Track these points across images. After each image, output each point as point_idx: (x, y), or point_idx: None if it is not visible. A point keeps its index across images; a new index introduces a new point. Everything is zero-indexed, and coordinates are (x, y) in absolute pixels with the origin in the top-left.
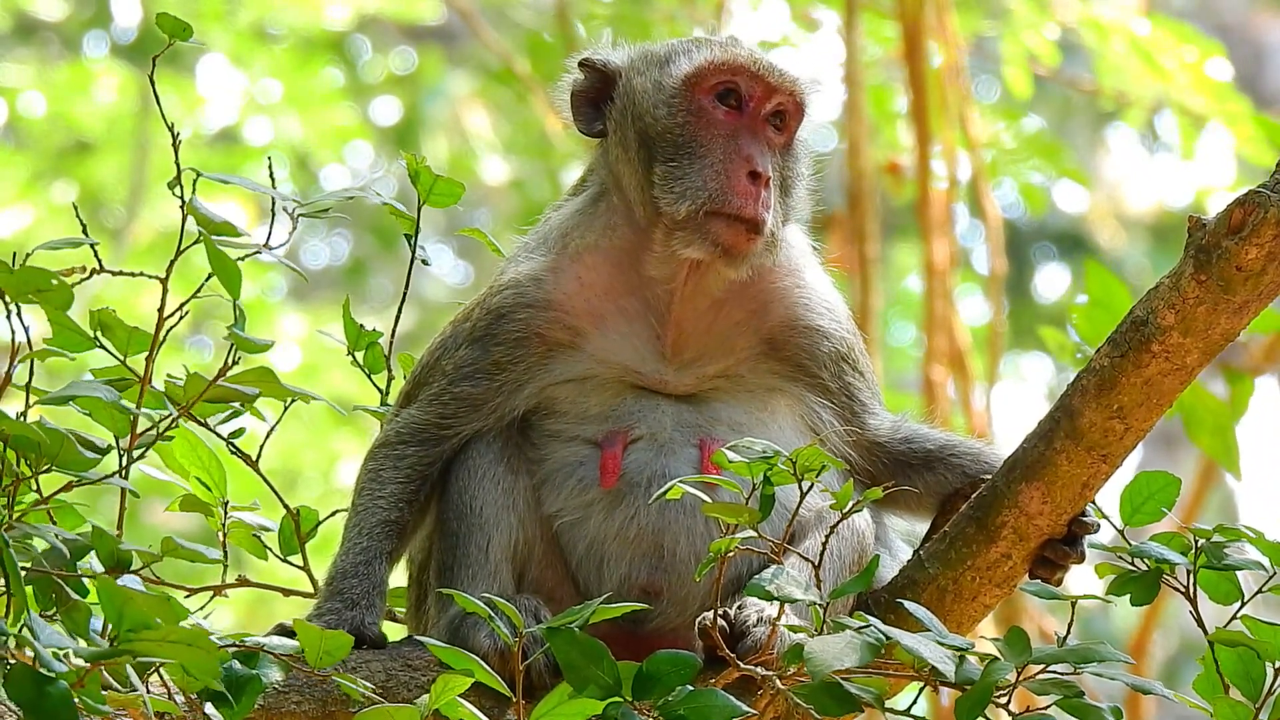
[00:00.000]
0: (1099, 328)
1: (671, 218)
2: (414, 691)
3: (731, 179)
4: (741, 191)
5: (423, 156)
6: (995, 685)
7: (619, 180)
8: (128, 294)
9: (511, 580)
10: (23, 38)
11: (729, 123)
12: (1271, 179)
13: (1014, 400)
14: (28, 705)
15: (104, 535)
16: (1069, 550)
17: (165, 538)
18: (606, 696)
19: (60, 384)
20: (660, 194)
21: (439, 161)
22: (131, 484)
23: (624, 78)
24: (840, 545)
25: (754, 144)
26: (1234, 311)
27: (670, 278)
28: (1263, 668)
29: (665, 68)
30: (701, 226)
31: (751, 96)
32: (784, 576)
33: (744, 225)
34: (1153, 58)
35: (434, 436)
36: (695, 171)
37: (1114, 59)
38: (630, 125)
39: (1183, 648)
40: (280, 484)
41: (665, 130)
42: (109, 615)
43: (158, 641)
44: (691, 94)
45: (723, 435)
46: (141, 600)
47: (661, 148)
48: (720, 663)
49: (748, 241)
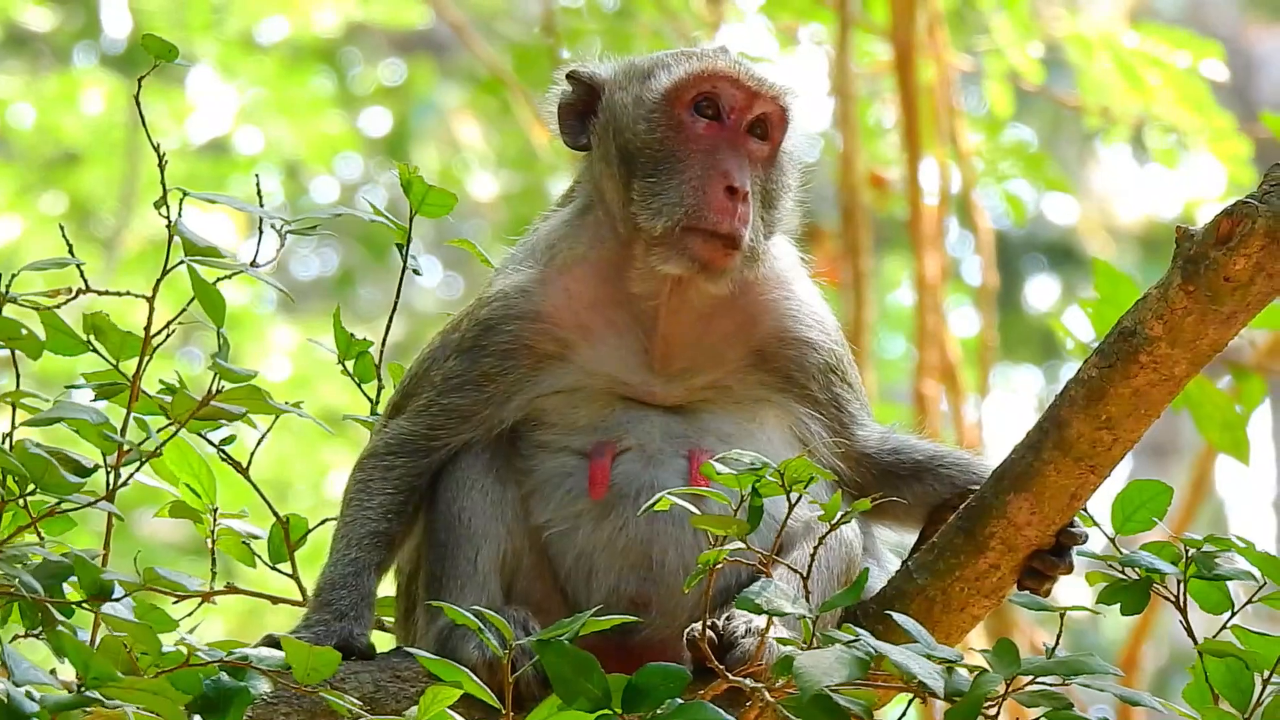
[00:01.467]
0: (1108, 324)
1: (649, 234)
2: (403, 703)
3: (708, 194)
4: (718, 207)
5: (415, 167)
6: (984, 697)
7: (603, 194)
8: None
9: (500, 591)
10: (13, 49)
11: (709, 136)
12: (1259, 190)
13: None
14: None
15: (85, 565)
16: (1057, 561)
17: (147, 569)
18: (596, 709)
19: (53, 385)
20: (638, 210)
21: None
22: (122, 489)
23: (607, 92)
24: (828, 556)
25: (733, 158)
26: (1222, 322)
27: (654, 293)
28: (1251, 678)
29: (646, 82)
30: (678, 243)
31: (733, 106)
32: (772, 589)
33: (720, 241)
34: (1136, 73)
35: (422, 448)
36: (673, 187)
37: (1098, 76)
38: (611, 140)
39: (1173, 659)
40: (271, 494)
41: (644, 145)
42: (75, 665)
43: (124, 689)
44: (671, 108)
45: (711, 446)
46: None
47: (641, 163)
48: (709, 674)
49: (725, 257)
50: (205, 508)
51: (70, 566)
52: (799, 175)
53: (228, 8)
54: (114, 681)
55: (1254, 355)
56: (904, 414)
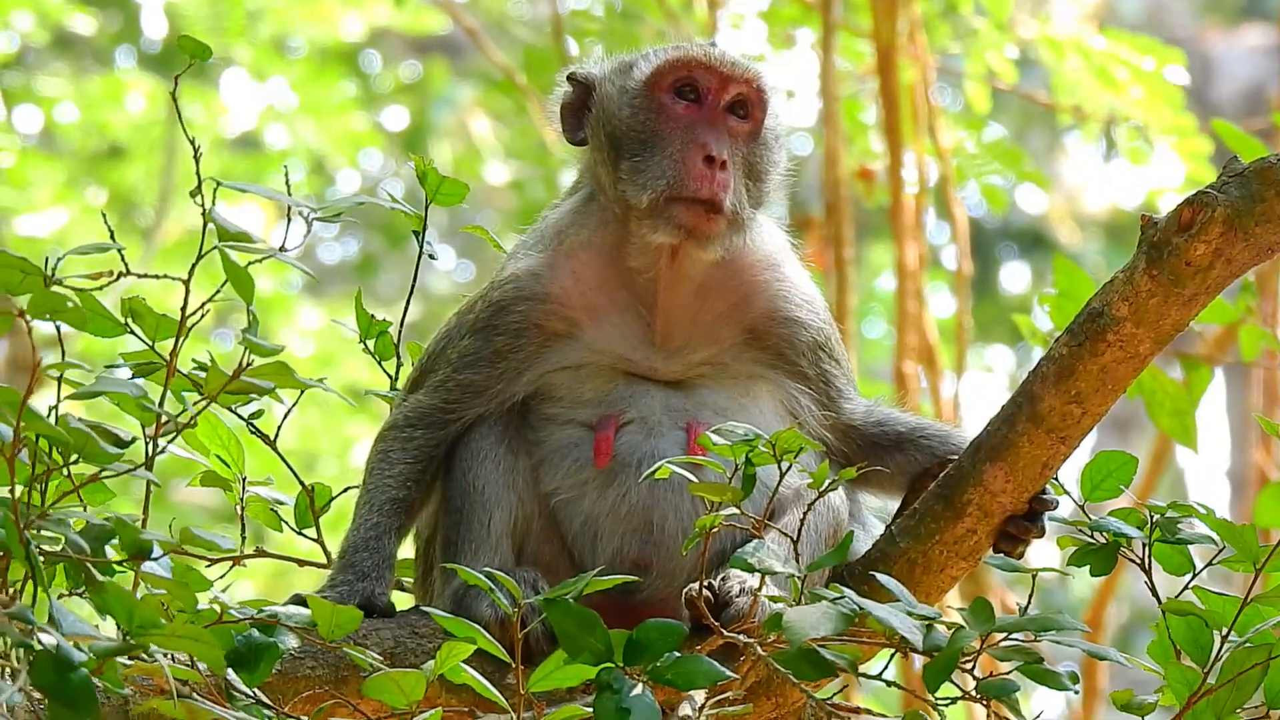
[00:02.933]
0: (1067, 316)
1: (638, 208)
2: (420, 657)
3: (688, 165)
4: (697, 175)
5: (430, 159)
6: (961, 652)
7: (599, 180)
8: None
9: (511, 554)
10: (59, 51)
11: (688, 115)
12: (1218, 180)
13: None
14: (51, 690)
15: (126, 526)
16: (1030, 525)
17: (183, 528)
18: (599, 662)
19: (93, 363)
20: (625, 187)
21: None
22: (157, 464)
23: (599, 86)
24: (817, 521)
25: (711, 132)
26: (1183, 304)
27: (650, 266)
28: (1211, 635)
29: (630, 72)
30: (664, 212)
31: (709, 88)
32: (765, 550)
33: (702, 206)
34: (1107, 72)
35: (439, 420)
36: (655, 163)
37: (1069, 76)
38: (602, 128)
39: (1134, 616)
40: (298, 465)
41: (629, 129)
42: (118, 616)
43: (166, 636)
44: (651, 93)
45: (708, 419)
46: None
47: (627, 145)
48: (705, 631)
49: (709, 222)
50: (235, 477)
51: (112, 530)
52: (785, 154)
53: (262, 14)
54: (158, 629)
55: (1203, 346)
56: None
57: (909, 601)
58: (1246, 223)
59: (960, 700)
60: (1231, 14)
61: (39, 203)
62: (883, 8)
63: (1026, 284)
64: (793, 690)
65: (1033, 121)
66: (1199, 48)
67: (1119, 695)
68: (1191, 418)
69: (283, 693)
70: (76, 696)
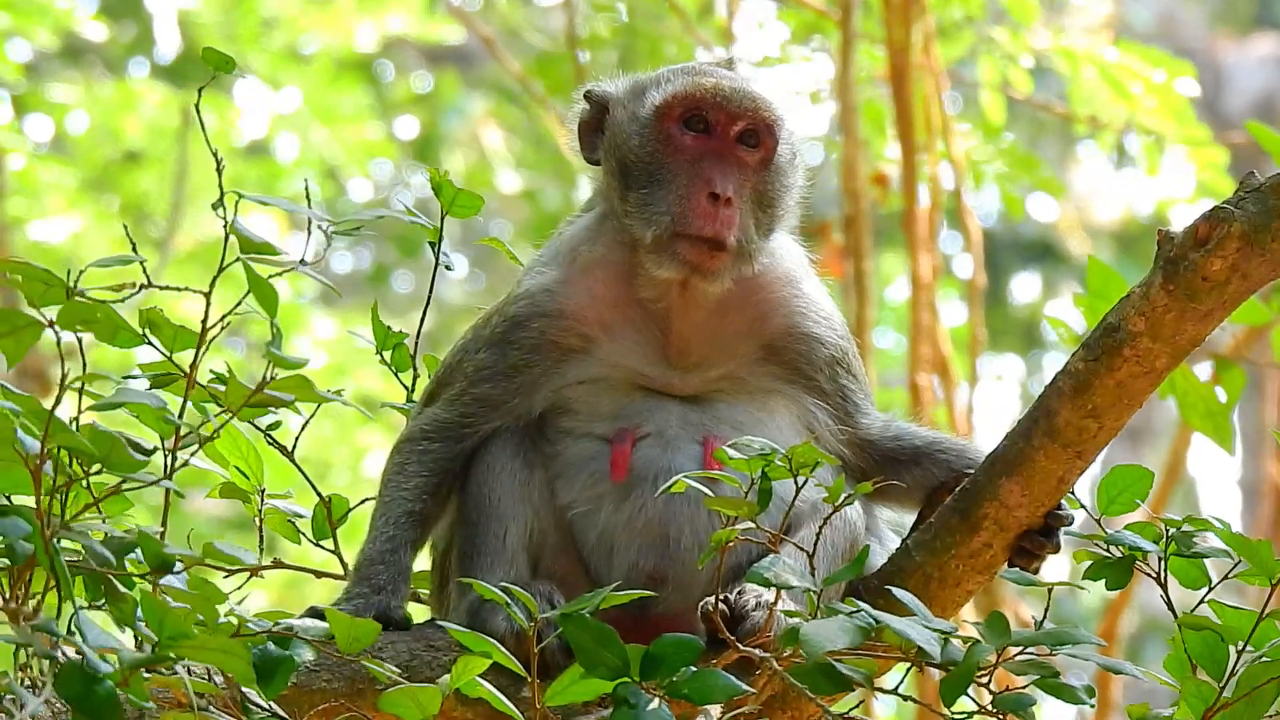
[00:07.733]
0: (1100, 317)
1: (643, 242)
2: (436, 671)
3: (692, 202)
4: (701, 213)
5: (445, 171)
6: (977, 666)
7: (611, 205)
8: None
9: (527, 567)
10: (70, 59)
11: (696, 147)
12: (1235, 196)
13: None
14: (76, 702)
15: (149, 539)
16: (1045, 540)
17: (206, 544)
18: (615, 677)
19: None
20: (632, 220)
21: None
22: (176, 477)
23: (612, 108)
24: (833, 535)
25: (718, 166)
26: (1200, 319)
27: (661, 296)
28: (1227, 650)
29: (640, 99)
30: (669, 249)
31: (718, 120)
32: (781, 564)
33: (706, 245)
34: (1121, 84)
35: (455, 434)
36: (661, 198)
37: (1085, 86)
38: (613, 155)
39: (1144, 626)
40: (313, 474)
41: (638, 159)
42: (150, 624)
43: (196, 648)
44: (660, 123)
45: (724, 433)
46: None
47: (635, 175)
48: (721, 645)
49: (712, 259)
50: (253, 488)
51: (134, 542)
52: (800, 175)
53: (276, 23)
54: (188, 640)
55: (1231, 346)
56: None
57: (925, 615)
58: (1263, 238)
59: (976, 714)
60: (1243, 24)
61: (51, 209)
62: (898, 16)
63: (1036, 294)
64: (809, 705)
65: (1044, 131)
66: (1210, 58)
67: (1135, 709)
68: (1226, 419)
69: (298, 705)
70: (102, 708)
